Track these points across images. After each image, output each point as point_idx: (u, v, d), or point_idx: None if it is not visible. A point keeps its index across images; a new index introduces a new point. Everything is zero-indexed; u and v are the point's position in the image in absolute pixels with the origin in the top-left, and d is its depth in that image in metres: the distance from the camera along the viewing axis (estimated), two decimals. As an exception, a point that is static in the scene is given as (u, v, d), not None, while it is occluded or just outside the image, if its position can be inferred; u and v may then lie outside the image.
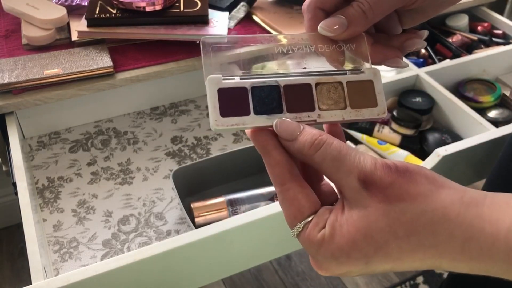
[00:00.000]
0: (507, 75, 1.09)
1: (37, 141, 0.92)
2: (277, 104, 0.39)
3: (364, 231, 0.33)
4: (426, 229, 0.32)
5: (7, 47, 0.93)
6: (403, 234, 0.32)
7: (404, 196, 0.32)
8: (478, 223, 0.31)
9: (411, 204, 0.32)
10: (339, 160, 0.34)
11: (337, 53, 0.42)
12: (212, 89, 0.38)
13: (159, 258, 0.61)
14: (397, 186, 0.33)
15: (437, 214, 0.32)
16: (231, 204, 0.74)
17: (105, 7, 0.92)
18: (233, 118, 0.38)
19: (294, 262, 1.49)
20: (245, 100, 0.39)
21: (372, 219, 0.32)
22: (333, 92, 0.40)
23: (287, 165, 0.36)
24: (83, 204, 0.81)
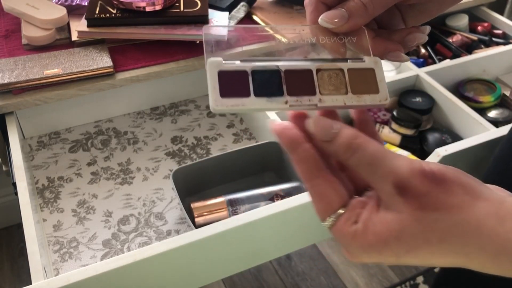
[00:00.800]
0: (507, 75, 1.09)
1: (37, 141, 0.92)
2: (277, 87, 0.39)
3: (397, 234, 0.33)
4: (458, 239, 0.32)
5: (7, 47, 0.93)
6: (435, 241, 0.33)
7: (439, 206, 0.33)
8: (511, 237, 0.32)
9: (445, 215, 0.33)
10: (374, 165, 0.34)
11: (339, 45, 0.42)
12: (212, 71, 0.39)
13: (159, 258, 0.61)
14: (433, 196, 0.33)
15: (470, 227, 0.32)
16: (231, 204, 0.74)
17: (105, 7, 0.92)
18: (232, 99, 0.38)
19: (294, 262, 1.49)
20: (245, 83, 0.38)
21: (405, 224, 0.33)
22: (334, 78, 0.40)
23: (313, 161, 0.36)
24: (83, 204, 0.81)
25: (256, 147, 0.84)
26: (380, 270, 1.47)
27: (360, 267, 1.48)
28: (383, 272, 1.47)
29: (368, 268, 1.48)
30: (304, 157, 0.37)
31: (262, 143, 0.84)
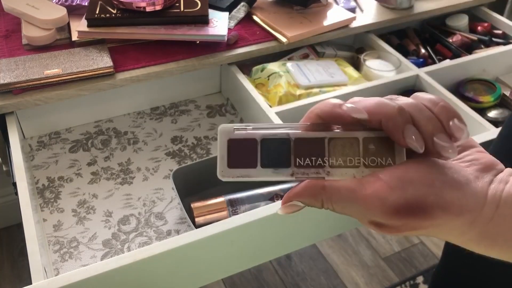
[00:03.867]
0: (507, 75, 1.09)
1: (37, 141, 0.92)
2: (285, 158, 0.38)
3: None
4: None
5: (7, 47, 0.93)
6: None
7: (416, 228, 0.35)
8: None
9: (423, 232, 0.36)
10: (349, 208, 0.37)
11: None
12: (222, 139, 0.38)
13: (159, 258, 0.61)
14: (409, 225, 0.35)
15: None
16: (231, 204, 0.74)
17: (105, 7, 0.92)
18: (239, 170, 0.38)
19: (294, 262, 1.49)
20: (254, 152, 0.38)
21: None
22: (348, 148, 0.37)
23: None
24: (83, 204, 0.81)
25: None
26: (380, 270, 1.47)
27: (360, 267, 1.48)
28: (383, 272, 1.47)
29: (368, 268, 1.48)
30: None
31: (262, 143, 0.84)
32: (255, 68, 0.99)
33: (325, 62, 1.01)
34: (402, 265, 1.49)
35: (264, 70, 0.97)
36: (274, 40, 1.00)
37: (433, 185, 0.34)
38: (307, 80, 0.94)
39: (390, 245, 1.55)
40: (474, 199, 0.34)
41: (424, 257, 1.52)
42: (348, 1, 1.12)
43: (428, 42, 1.17)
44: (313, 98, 0.91)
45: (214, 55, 0.94)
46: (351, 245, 1.55)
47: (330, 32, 1.03)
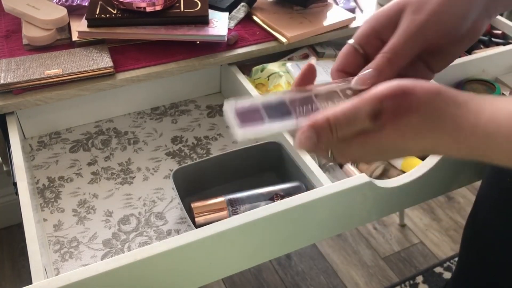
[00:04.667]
0: (506, 75, 1.10)
1: (38, 141, 0.92)
2: (286, 111, 0.45)
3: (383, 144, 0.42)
4: (428, 130, 0.40)
5: (7, 47, 0.93)
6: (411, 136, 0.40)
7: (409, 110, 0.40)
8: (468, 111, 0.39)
9: (415, 114, 0.40)
10: (352, 119, 0.41)
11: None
12: (229, 110, 0.46)
13: (160, 258, 0.62)
14: (403, 105, 0.40)
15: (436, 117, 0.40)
16: (231, 204, 0.74)
17: (106, 7, 0.92)
18: (250, 128, 0.45)
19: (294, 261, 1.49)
20: (258, 112, 0.45)
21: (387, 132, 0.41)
22: (331, 96, 0.46)
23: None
24: (83, 204, 0.81)
25: (256, 147, 0.84)
26: (380, 270, 1.48)
27: (360, 266, 1.48)
28: (383, 271, 1.47)
29: (368, 267, 1.48)
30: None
31: (262, 143, 0.84)
32: (255, 68, 0.99)
33: (325, 62, 1.02)
34: (401, 265, 1.49)
35: (264, 70, 0.97)
36: (274, 40, 1.00)
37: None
38: (307, 80, 0.95)
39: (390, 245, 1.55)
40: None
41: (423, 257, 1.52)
42: (348, 2, 1.12)
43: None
44: (313, 98, 0.91)
45: (214, 55, 0.94)
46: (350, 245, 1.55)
47: (330, 32, 1.03)
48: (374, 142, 0.41)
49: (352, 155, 0.43)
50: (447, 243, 1.56)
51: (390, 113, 0.40)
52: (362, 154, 0.43)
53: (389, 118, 0.40)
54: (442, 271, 1.47)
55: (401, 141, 0.41)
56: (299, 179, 0.79)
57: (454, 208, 1.68)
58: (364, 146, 0.42)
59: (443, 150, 0.41)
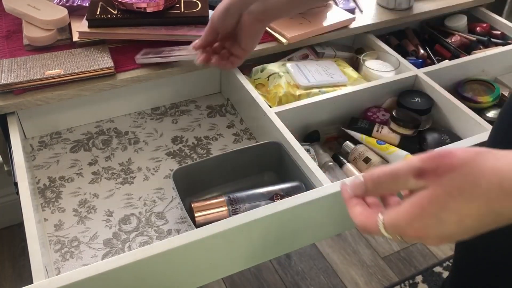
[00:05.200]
0: (505, 76, 1.10)
1: (39, 141, 0.93)
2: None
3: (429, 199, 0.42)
4: (471, 185, 0.40)
5: (8, 47, 0.93)
6: (457, 193, 0.41)
7: (451, 168, 0.42)
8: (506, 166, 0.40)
9: (457, 172, 0.41)
10: (396, 177, 0.45)
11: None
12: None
13: (160, 257, 0.62)
14: (443, 165, 0.42)
15: (476, 174, 0.41)
16: (231, 204, 0.75)
17: (106, 7, 0.92)
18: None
19: (294, 261, 1.50)
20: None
21: (433, 191, 0.42)
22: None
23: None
24: (84, 203, 0.82)
25: (256, 147, 0.84)
26: (380, 270, 1.48)
27: (360, 266, 1.49)
28: (383, 271, 1.47)
29: (367, 267, 1.48)
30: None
31: (262, 143, 0.85)
32: (255, 69, 0.99)
33: (324, 62, 1.02)
34: (401, 265, 1.50)
35: (264, 70, 0.98)
36: (274, 40, 1.00)
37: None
38: (307, 80, 0.95)
39: (390, 244, 1.55)
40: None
41: (423, 257, 1.52)
42: (348, 2, 1.12)
43: (427, 42, 1.17)
44: (313, 99, 0.91)
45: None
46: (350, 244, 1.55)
47: (329, 33, 1.04)
48: (424, 203, 0.42)
49: (410, 224, 0.44)
50: (446, 243, 1.56)
51: (432, 171, 0.42)
52: (420, 220, 0.43)
53: (431, 176, 0.42)
54: (442, 271, 1.47)
55: (451, 200, 0.41)
56: (299, 179, 0.79)
57: (454, 208, 1.68)
58: (417, 210, 0.43)
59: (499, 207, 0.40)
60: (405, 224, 0.44)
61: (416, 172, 0.43)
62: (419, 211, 0.43)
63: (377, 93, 0.98)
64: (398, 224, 0.44)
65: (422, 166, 0.43)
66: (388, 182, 0.45)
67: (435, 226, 0.42)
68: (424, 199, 0.42)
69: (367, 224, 0.47)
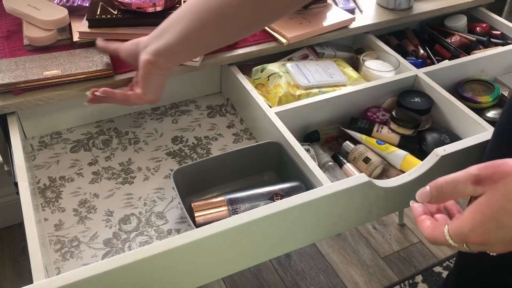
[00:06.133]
0: (505, 76, 1.10)
1: (39, 141, 0.93)
2: None
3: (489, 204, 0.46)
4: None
5: (8, 47, 0.93)
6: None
7: (505, 175, 0.45)
8: None
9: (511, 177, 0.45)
10: (455, 185, 0.49)
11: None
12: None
13: (160, 257, 0.62)
14: (498, 172, 0.46)
15: None
16: (231, 203, 0.75)
17: (106, 8, 0.92)
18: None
19: (294, 261, 1.50)
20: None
21: (491, 196, 0.46)
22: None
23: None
24: (84, 203, 0.82)
25: (256, 147, 0.84)
26: (379, 269, 1.48)
27: (360, 266, 1.49)
28: (382, 271, 1.47)
29: (367, 267, 1.49)
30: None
31: (262, 143, 0.85)
32: (255, 69, 0.99)
33: (324, 62, 1.02)
34: (401, 265, 1.50)
35: (264, 70, 0.98)
36: (274, 40, 1.00)
37: None
38: (307, 80, 0.95)
39: (390, 244, 1.56)
40: None
41: (423, 257, 1.52)
42: (347, 2, 1.12)
43: (427, 42, 1.17)
44: (313, 99, 0.91)
45: (214, 56, 0.94)
46: (350, 244, 1.56)
47: (329, 33, 1.04)
48: (483, 208, 0.46)
49: (472, 230, 0.46)
50: (446, 242, 1.57)
51: (489, 178, 0.46)
52: (480, 225, 0.46)
53: (488, 182, 0.46)
54: (442, 271, 1.47)
55: (508, 203, 0.44)
56: (299, 179, 0.79)
57: (454, 207, 1.68)
58: (477, 215, 0.46)
59: None
60: (468, 231, 0.47)
61: (474, 179, 0.47)
62: (479, 216, 0.46)
63: (377, 93, 0.98)
64: (462, 232, 0.47)
65: (480, 173, 0.47)
66: (449, 189, 0.49)
67: (496, 230, 0.45)
68: (483, 205, 0.46)
69: (434, 235, 0.50)
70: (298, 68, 0.98)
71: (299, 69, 0.97)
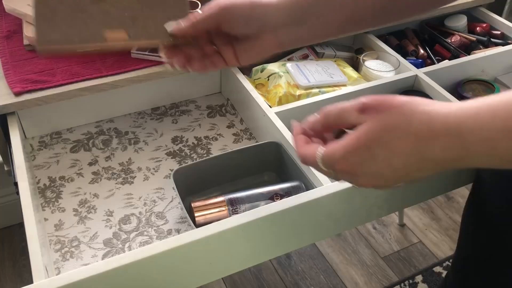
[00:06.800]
0: (505, 76, 1.10)
1: (39, 141, 0.93)
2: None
3: (371, 132, 0.45)
4: (405, 122, 0.44)
5: (8, 47, 0.93)
6: (391, 128, 0.44)
7: (390, 107, 0.45)
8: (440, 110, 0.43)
9: (395, 110, 0.45)
10: (339, 113, 0.49)
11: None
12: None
13: (160, 257, 0.62)
14: (384, 104, 0.45)
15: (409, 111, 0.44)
16: (231, 203, 0.75)
17: (106, 8, 0.92)
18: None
19: (294, 261, 1.50)
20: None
21: (373, 124, 0.45)
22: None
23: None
24: (84, 203, 0.82)
25: (256, 147, 0.84)
26: (379, 269, 1.48)
27: (360, 266, 1.49)
28: (382, 271, 1.47)
29: (367, 267, 1.49)
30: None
31: (262, 143, 0.85)
32: (255, 69, 0.99)
33: (324, 62, 1.02)
34: (401, 265, 1.50)
35: (264, 70, 0.98)
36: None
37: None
38: (307, 80, 0.95)
39: (390, 244, 1.56)
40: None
41: (423, 257, 1.52)
42: None
43: (427, 42, 1.17)
44: (313, 99, 0.91)
45: (214, 56, 0.94)
46: (350, 244, 1.56)
47: (329, 33, 1.04)
48: (361, 135, 0.45)
49: (344, 157, 0.46)
50: (446, 242, 1.56)
51: (373, 108, 0.46)
52: (354, 152, 0.46)
53: (372, 112, 0.45)
54: (442, 271, 1.47)
55: (385, 135, 0.44)
56: (299, 179, 0.79)
57: (454, 208, 1.68)
58: (353, 142, 0.46)
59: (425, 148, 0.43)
60: (339, 156, 0.46)
61: (360, 107, 0.46)
62: (354, 143, 0.45)
63: (377, 93, 0.97)
64: (334, 156, 0.47)
65: (366, 102, 0.46)
66: (335, 114, 0.49)
67: (367, 161, 0.45)
68: (361, 132, 0.45)
69: (307, 154, 0.50)
70: (298, 68, 0.98)
71: (299, 69, 0.97)
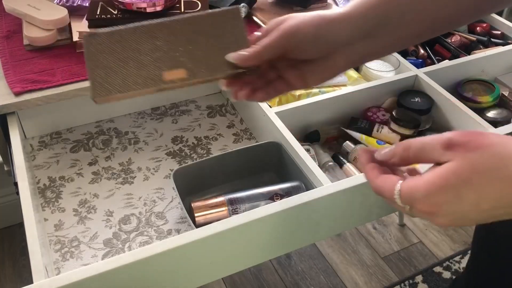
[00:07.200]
0: (505, 75, 1.10)
1: (39, 141, 0.93)
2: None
3: (453, 174, 0.41)
4: (500, 166, 0.40)
5: (8, 47, 0.93)
6: (483, 169, 0.40)
7: (480, 146, 0.41)
8: None
9: (486, 150, 0.41)
10: (423, 146, 0.44)
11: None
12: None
13: (160, 257, 0.62)
14: (473, 141, 0.41)
15: (506, 155, 0.40)
16: (231, 203, 0.75)
17: (106, 8, 0.92)
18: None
19: (294, 261, 1.50)
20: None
21: (458, 165, 0.41)
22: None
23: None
24: (84, 203, 0.82)
25: (256, 147, 0.84)
26: (380, 269, 1.48)
27: (360, 266, 1.49)
28: (382, 271, 1.47)
29: (367, 267, 1.48)
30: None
31: (262, 143, 0.85)
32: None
33: (324, 62, 1.02)
34: (401, 265, 1.50)
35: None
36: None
37: None
38: (307, 80, 0.95)
39: (390, 244, 1.55)
40: None
41: (423, 257, 1.52)
42: (347, 2, 1.12)
43: (427, 42, 1.17)
44: (313, 99, 0.91)
45: (214, 56, 0.94)
46: (350, 244, 1.56)
47: (329, 33, 1.04)
48: (449, 174, 0.41)
49: (426, 197, 0.42)
50: (446, 242, 1.56)
51: (462, 145, 0.41)
52: (439, 193, 0.42)
53: (460, 150, 0.41)
54: (442, 271, 1.47)
55: (475, 177, 0.40)
56: (299, 179, 0.79)
57: (454, 207, 1.68)
58: (438, 181, 0.42)
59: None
60: (422, 195, 0.42)
61: (445, 143, 0.42)
62: (441, 182, 0.41)
63: (377, 93, 0.98)
64: (415, 194, 0.42)
65: (453, 138, 0.42)
66: (417, 149, 0.45)
67: (452, 201, 0.41)
68: (449, 171, 0.41)
69: (384, 187, 0.45)
70: (298, 68, 0.97)
71: (299, 69, 0.97)
